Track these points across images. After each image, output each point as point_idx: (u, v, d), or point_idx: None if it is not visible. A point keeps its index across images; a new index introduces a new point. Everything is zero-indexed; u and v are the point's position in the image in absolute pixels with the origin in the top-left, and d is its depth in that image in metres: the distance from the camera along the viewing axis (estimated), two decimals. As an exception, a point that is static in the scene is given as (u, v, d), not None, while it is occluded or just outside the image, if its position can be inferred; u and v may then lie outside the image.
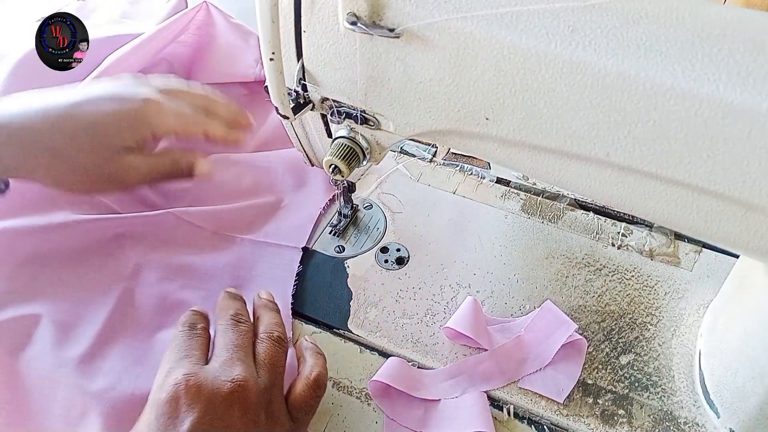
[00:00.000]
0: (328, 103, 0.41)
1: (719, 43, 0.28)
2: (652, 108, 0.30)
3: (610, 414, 0.45)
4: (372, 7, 0.33)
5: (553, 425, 0.45)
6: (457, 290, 0.53)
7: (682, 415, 0.45)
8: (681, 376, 0.47)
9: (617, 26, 0.30)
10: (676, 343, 0.49)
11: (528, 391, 0.46)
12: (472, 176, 0.64)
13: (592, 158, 0.33)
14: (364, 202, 0.61)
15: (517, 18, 0.31)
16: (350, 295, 0.53)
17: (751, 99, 0.27)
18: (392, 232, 0.58)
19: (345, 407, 0.46)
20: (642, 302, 0.52)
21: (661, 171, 0.31)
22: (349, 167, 0.44)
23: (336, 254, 0.56)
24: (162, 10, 0.74)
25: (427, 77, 0.35)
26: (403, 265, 0.55)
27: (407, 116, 0.38)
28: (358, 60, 0.36)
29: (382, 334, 0.50)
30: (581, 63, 0.30)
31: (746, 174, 0.29)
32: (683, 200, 0.32)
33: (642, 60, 0.29)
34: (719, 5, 0.30)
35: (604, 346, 0.49)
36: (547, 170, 0.36)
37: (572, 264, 0.55)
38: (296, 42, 0.38)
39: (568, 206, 0.60)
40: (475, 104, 0.35)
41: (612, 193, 0.35)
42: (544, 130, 0.33)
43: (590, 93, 0.31)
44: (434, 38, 0.33)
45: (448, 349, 0.49)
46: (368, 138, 0.43)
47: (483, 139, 0.37)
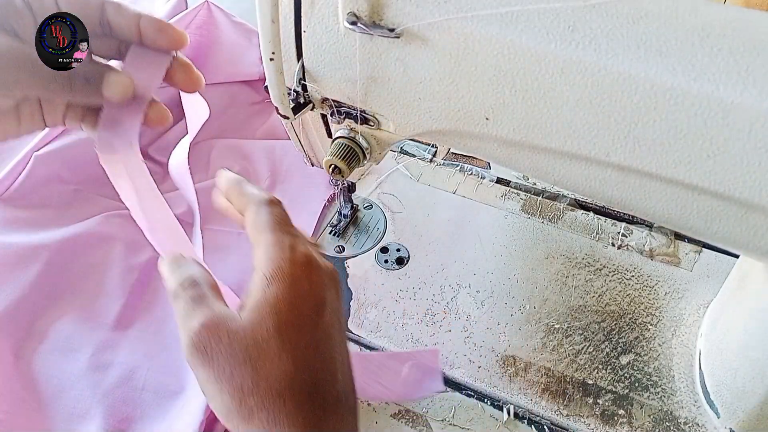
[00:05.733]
0: (328, 103, 0.41)
1: (719, 43, 0.28)
2: (652, 108, 0.29)
3: (610, 414, 0.45)
4: (372, 7, 0.33)
5: (553, 425, 0.45)
6: (457, 290, 0.53)
7: (682, 415, 0.45)
8: (681, 376, 0.47)
9: (617, 26, 0.30)
10: (676, 343, 0.49)
11: (528, 391, 0.46)
12: (472, 176, 0.64)
13: (592, 158, 0.33)
14: (364, 202, 0.61)
15: (517, 18, 0.31)
16: (350, 295, 0.53)
17: (751, 99, 0.27)
18: (392, 232, 0.58)
19: (345, 407, 0.46)
20: (642, 302, 0.52)
21: (661, 171, 0.31)
22: (349, 167, 0.44)
23: (336, 254, 0.56)
24: (162, 10, 0.74)
25: (427, 77, 0.35)
26: (403, 265, 0.55)
27: (407, 116, 0.38)
28: (358, 60, 0.36)
29: (382, 334, 0.50)
30: (581, 63, 0.30)
31: (746, 174, 0.29)
32: (683, 200, 0.32)
33: (642, 60, 0.29)
34: (719, 5, 0.30)
35: (604, 346, 0.49)
36: (547, 170, 0.36)
37: (572, 264, 0.55)
38: (296, 42, 0.38)
39: (568, 206, 0.60)
40: (475, 104, 0.34)
41: (612, 193, 0.34)
42: (544, 130, 0.33)
43: (590, 93, 0.31)
44: (434, 38, 0.33)
45: (448, 350, 0.49)
46: (368, 138, 0.43)
47: (483, 139, 0.37)
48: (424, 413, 0.46)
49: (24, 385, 0.46)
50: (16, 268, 0.50)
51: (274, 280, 0.30)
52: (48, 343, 0.48)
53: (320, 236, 0.58)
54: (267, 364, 0.29)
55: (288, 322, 0.30)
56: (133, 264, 0.53)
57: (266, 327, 0.30)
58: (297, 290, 0.31)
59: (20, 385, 0.45)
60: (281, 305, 0.30)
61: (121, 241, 0.54)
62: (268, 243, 0.32)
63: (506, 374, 0.48)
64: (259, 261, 0.32)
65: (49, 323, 0.49)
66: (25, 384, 0.46)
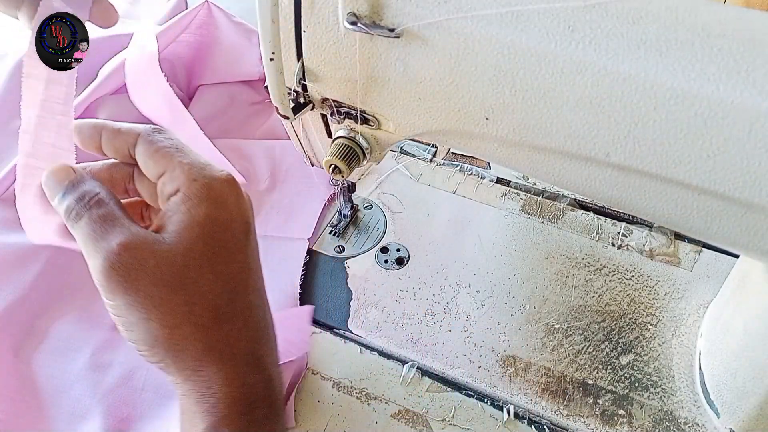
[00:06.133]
0: (328, 103, 0.41)
1: (719, 43, 0.28)
2: (652, 108, 0.29)
3: (610, 414, 0.45)
4: (372, 7, 0.33)
5: (553, 425, 0.45)
6: (457, 290, 0.53)
7: (682, 415, 0.45)
8: (681, 376, 0.47)
9: (617, 26, 0.30)
10: (676, 343, 0.49)
11: (528, 391, 0.46)
12: (472, 176, 0.64)
13: (592, 158, 0.33)
14: (364, 202, 0.61)
15: (517, 18, 0.31)
16: (350, 295, 0.53)
17: (751, 99, 0.27)
18: (392, 232, 0.58)
19: (345, 407, 0.46)
20: (642, 302, 0.52)
21: (661, 171, 0.31)
22: (349, 167, 0.44)
23: (336, 254, 0.56)
24: (162, 10, 0.74)
25: (427, 77, 0.35)
26: (403, 265, 0.55)
27: (407, 116, 0.38)
28: (358, 60, 0.36)
29: (382, 334, 0.50)
30: (581, 63, 0.30)
31: (746, 174, 0.29)
32: (683, 200, 0.32)
33: (642, 60, 0.29)
34: (719, 5, 0.30)
35: (604, 346, 0.49)
36: (547, 170, 0.36)
37: (572, 264, 0.55)
38: (296, 42, 0.38)
39: (568, 206, 0.60)
40: (475, 104, 0.34)
41: (612, 193, 0.34)
42: (544, 130, 0.33)
43: (590, 93, 0.31)
44: (434, 38, 0.33)
45: (448, 350, 0.49)
46: (368, 138, 0.43)
47: (483, 139, 0.37)
48: (424, 413, 0.46)
49: (24, 385, 0.46)
50: (16, 268, 0.50)
51: (202, 200, 0.28)
52: (48, 343, 0.48)
53: (320, 236, 0.58)
54: (202, 289, 0.27)
55: (221, 244, 0.28)
56: None
57: (198, 249, 0.27)
58: (227, 211, 0.28)
59: (20, 385, 0.46)
60: (212, 226, 0.27)
61: None
62: (184, 163, 0.29)
63: (506, 374, 0.48)
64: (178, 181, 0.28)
65: (49, 323, 0.49)
66: (25, 384, 0.46)
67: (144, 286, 0.26)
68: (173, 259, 0.27)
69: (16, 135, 0.33)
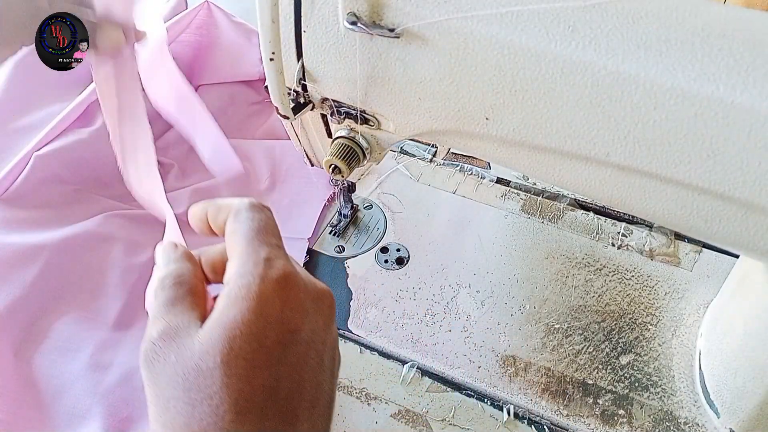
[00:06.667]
0: (328, 103, 0.41)
1: (719, 43, 0.28)
2: (652, 108, 0.29)
3: (610, 414, 0.45)
4: (372, 7, 0.33)
5: (553, 425, 0.45)
6: (457, 290, 0.53)
7: (682, 415, 0.45)
8: (681, 376, 0.47)
9: (617, 26, 0.30)
10: (676, 343, 0.49)
11: (528, 391, 0.46)
12: (472, 176, 0.64)
13: (592, 158, 0.33)
14: (364, 202, 0.61)
15: (517, 18, 0.31)
16: (350, 295, 0.53)
17: (751, 99, 0.27)
18: (392, 232, 0.58)
19: (345, 407, 0.46)
20: (642, 302, 0.52)
21: (661, 171, 0.31)
22: (349, 167, 0.44)
23: (336, 254, 0.56)
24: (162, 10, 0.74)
25: (427, 77, 0.35)
26: (403, 265, 0.55)
27: (407, 116, 0.38)
28: (358, 60, 0.36)
29: (382, 334, 0.50)
30: (581, 63, 0.30)
31: (746, 174, 0.29)
32: (683, 200, 0.32)
33: (642, 60, 0.29)
34: (719, 5, 0.30)
35: (604, 346, 0.49)
36: (547, 170, 0.36)
37: (572, 264, 0.55)
38: (296, 42, 0.38)
39: (568, 206, 0.60)
40: (475, 104, 0.34)
41: (612, 193, 0.34)
42: (544, 130, 0.33)
43: (590, 93, 0.31)
44: (434, 38, 0.33)
45: (448, 350, 0.49)
46: (368, 138, 0.43)
47: (483, 139, 0.37)
48: (424, 413, 0.46)
49: (24, 385, 0.46)
50: (16, 268, 0.50)
51: (238, 299, 0.25)
52: (48, 343, 0.48)
53: (320, 236, 0.58)
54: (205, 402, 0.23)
55: (241, 354, 0.24)
56: (133, 264, 0.53)
57: (214, 355, 0.24)
58: (263, 314, 0.25)
59: (20, 385, 0.45)
60: (238, 331, 0.24)
61: (121, 241, 0.54)
62: (241, 254, 0.26)
63: (506, 374, 0.48)
64: (229, 273, 0.26)
65: (49, 323, 0.49)
66: (25, 384, 0.46)
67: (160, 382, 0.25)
68: (189, 357, 0.24)
69: (16, 135, 0.33)
